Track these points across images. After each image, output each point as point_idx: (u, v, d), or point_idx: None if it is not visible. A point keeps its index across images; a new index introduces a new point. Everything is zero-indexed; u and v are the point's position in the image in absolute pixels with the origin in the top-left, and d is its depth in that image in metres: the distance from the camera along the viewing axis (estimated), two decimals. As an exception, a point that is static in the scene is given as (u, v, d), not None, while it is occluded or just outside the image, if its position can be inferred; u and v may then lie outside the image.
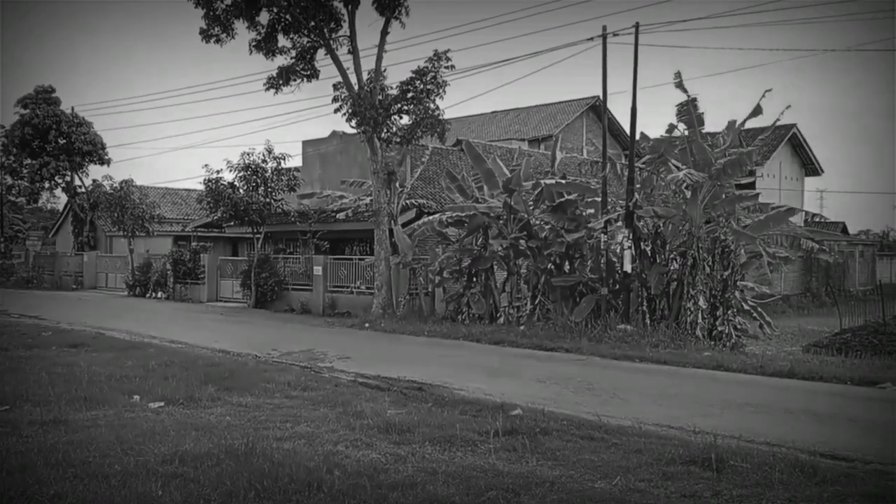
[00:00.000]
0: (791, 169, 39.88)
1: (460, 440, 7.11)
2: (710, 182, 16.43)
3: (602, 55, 18.54)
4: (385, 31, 20.94)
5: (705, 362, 13.18)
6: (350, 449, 6.81)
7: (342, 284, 24.26)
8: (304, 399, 9.29)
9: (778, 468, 6.18)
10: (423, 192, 25.03)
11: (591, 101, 42.27)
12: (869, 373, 11.95)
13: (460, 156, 27.56)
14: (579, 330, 16.67)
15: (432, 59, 20.18)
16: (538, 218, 19.39)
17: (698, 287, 16.46)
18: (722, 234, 16.62)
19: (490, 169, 20.31)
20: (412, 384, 10.77)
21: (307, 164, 29.06)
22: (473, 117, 46.17)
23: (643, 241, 17.83)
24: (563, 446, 6.95)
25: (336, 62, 21.14)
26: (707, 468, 6.23)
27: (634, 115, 17.90)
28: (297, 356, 13.94)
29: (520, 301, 19.44)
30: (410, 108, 20.36)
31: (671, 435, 7.66)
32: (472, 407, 8.82)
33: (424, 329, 18.23)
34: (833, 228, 38.11)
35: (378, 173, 21.36)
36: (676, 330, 16.25)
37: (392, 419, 7.87)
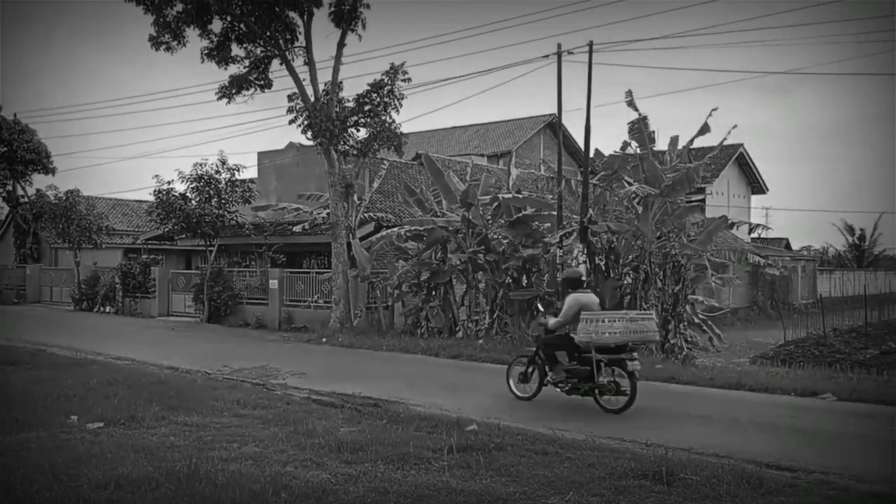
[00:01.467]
0: (738, 187, 40.99)
1: (414, 458, 7.04)
2: (660, 198, 16.72)
3: (557, 73, 18.77)
4: (342, 44, 20.88)
5: (658, 375, 13.33)
6: (299, 469, 6.67)
7: (299, 298, 23.99)
8: (254, 418, 9.11)
9: (726, 480, 6.28)
10: (382, 205, 24.96)
11: (548, 118, 42.76)
12: (811, 384, 12.24)
13: (419, 170, 27.59)
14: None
15: (389, 73, 20.17)
16: (496, 232, 19.51)
17: (651, 301, 16.71)
18: (672, 249, 16.91)
19: (448, 183, 20.38)
20: (367, 400, 10.66)
21: (263, 176, 28.76)
22: (433, 132, 46.32)
23: (597, 256, 18.05)
24: (517, 462, 6.95)
25: (292, 73, 20.99)
26: (658, 482, 6.30)
27: (588, 132, 18.15)
28: (250, 373, 13.71)
29: (478, 315, 19.50)
30: (367, 120, 20.29)
31: (623, 448, 7.72)
32: (428, 423, 8.76)
33: (382, 343, 18.12)
34: (777, 244, 39.16)
35: (335, 186, 21.22)
36: (630, 343, 16.42)
37: (344, 437, 7.77)
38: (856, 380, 13.87)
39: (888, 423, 9.24)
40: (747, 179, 41.93)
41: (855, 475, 6.82)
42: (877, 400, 10.82)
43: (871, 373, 15.42)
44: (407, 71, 20.20)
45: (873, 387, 12.39)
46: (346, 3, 20.34)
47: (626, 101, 17.10)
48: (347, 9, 20.37)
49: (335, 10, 20.50)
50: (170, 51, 21.07)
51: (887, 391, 11.68)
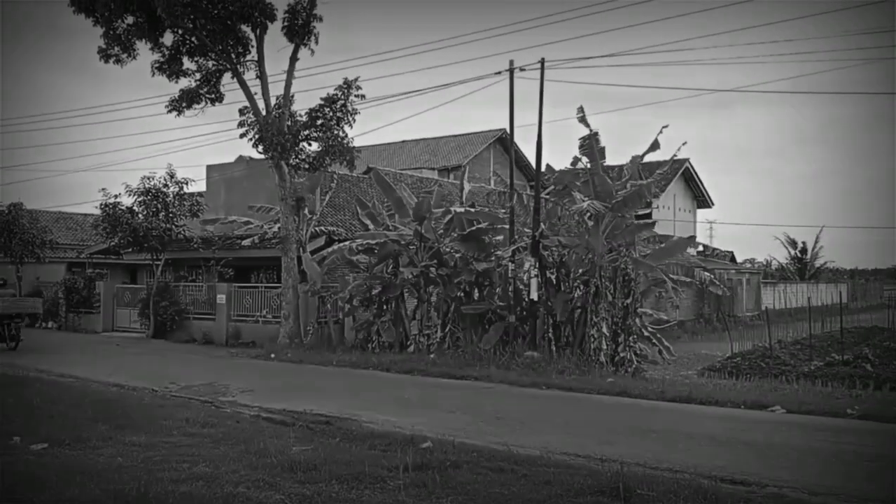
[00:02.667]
0: (684, 201, 41.99)
1: (369, 477, 6.92)
2: (611, 213, 16.95)
3: (509, 89, 18.95)
4: (294, 58, 20.81)
5: (609, 388, 13.47)
6: (252, 490, 6.50)
7: (247, 313, 23.67)
8: (204, 437, 8.87)
9: (682, 496, 6.29)
10: (333, 219, 24.80)
11: (498, 133, 43.13)
12: (760, 396, 12.51)
13: (371, 183, 27.49)
14: (488, 357, 16.78)
15: (342, 87, 20.16)
16: (448, 246, 19.52)
17: (601, 314, 16.89)
18: (623, 263, 17.16)
19: (400, 197, 20.34)
20: (319, 418, 10.48)
21: (211, 190, 28.31)
22: (383, 146, 46.28)
23: (549, 270, 18.20)
24: (473, 480, 6.87)
25: (243, 87, 20.81)
26: (615, 498, 6.28)
27: (540, 147, 18.36)
28: (198, 390, 13.40)
29: (430, 329, 19.44)
30: (320, 135, 20.20)
31: (579, 464, 7.71)
32: (382, 441, 8.65)
33: (333, 359, 17.91)
34: (723, 257, 40.11)
35: (286, 199, 21.03)
36: (581, 356, 16.60)
37: (297, 457, 7.60)
38: (802, 392, 14.25)
39: (836, 436, 9.44)
40: (693, 194, 43.02)
41: (807, 488, 6.92)
42: (824, 412, 11.09)
43: (817, 384, 15.84)
44: (360, 86, 20.28)
45: (820, 399, 12.73)
46: (298, 18, 20.32)
47: (578, 118, 17.32)
48: (300, 23, 20.35)
49: (288, 25, 20.47)
50: (119, 63, 20.85)
51: (833, 403, 12.02)
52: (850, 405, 11.69)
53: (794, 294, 45.93)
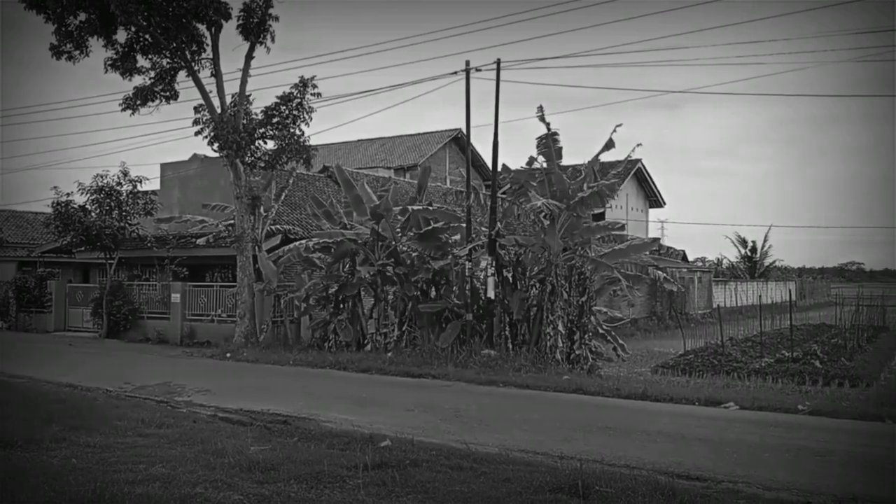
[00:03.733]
0: (637, 201, 42.71)
1: (328, 476, 6.90)
2: (567, 212, 17.15)
3: (465, 89, 19.03)
4: (250, 56, 20.66)
5: (565, 386, 13.64)
6: (210, 491, 6.44)
7: (202, 313, 23.42)
8: (160, 437, 8.76)
9: (640, 492, 6.37)
10: (289, 217, 24.61)
11: (453, 133, 43.24)
12: (713, 393, 12.80)
13: (327, 182, 27.36)
14: (446, 356, 16.84)
15: (298, 86, 20.11)
16: (406, 245, 19.52)
17: (557, 312, 17.08)
18: (578, 262, 17.37)
19: (358, 195, 20.28)
20: (277, 418, 10.42)
21: (166, 188, 27.86)
22: (339, 145, 46.04)
23: (505, 269, 18.33)
24: (432, 478, 6.90)
25: (198, 85, 20.55)
26: (574, 495, 6.34)
27: (496, 147, 18.48)
28: (153, 390, 13.20)
29: (387, 327, 19.42)
30: (276, 133, 20.13)
31: (538, 461, 7.79)
32: (341, 440, 8.64)
33: (290, 358, 17.79)
34: (675, 256, 40.88)
35: (241, 198, 20.84)
36: (537, 354, 16.77)
37: (255, 456, 7.55)
38: (754, 388, 14.62)
39: (788, 431, 9.71)
40: (645, 193, 43.79)
41: (762, 483, 7.10)
42: (776, 408, 11.39)
43: (768, 381, 16.26)
44: (317, 84, 20.31)
45: (772, 395, 13.09)
46: (254, 17, 20.17)
47: (538, 116, 17.47)
48: (256, 22, 20.21)
49: (243, 23, 20.31)
50: (72, 60, 20.44)
51: (785, 399, 12.37)
52: (801, 401, 12.08)
53: (745, 292, 47.01)
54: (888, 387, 14.48)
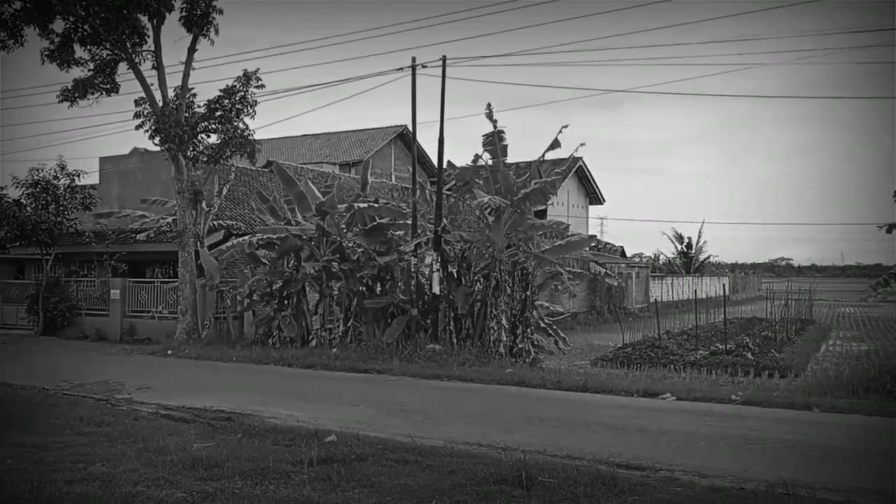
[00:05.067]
0: (577, 198, 43.43)
1: (273, 472, 6.92)
2: (511, 208, 17.38)
3: (411, 86, 19.08)
4: (193, 49, 20.31)
5: (508, 379, 13.85)
6: (152, 489, 6.40)
7: (143, 309, 23.02)
8: (99, 436, 8.63)
9: (582, 482, 6.56)
10: (232, 213, 24.29)
11: (399, 129, 43.17)
12: (651, 385, 13.19)
13: (271, 177, 27.05)
14: (391, 351, 16.89)
15: (242, 79, 19.86)
16: (351, 240, 19.49)
17: (501, 307, 17.31)
18: (522, 258, 17.63)
19: (302, 191, 20.14)
20: (220, 414, 10.35)
21: (105, 182, 27.16)
22: (284, 139, 45.51)
23: (450, 264, 18.47)
24: (378, 472, 6.98)
25: (139, 77, 20.11)
26: (518, 486, 6.47)
27: (442, 143, 18.60)
28: (91, 388, 12.93)
29: (332, 323, 19.36)
30: (219, 126, 19.86)
31: (482, 453, 7.93)
32: (285, 436, 8.64)
33: (233, 354, 17.61)
34: (614, 252, 41.72)
35: (183, 192, 20.50)
36: (481, 348, 16.97)
37: (198, 453, 7.52)
38: (689, 380, 15.09)
39: (723, 421, 10.07)
40: (586, 191, 44.55)
41: (697, 471, 7.37)
42: (711, 399, 11.80)
43: (703, 372, 16.82)
44: (261, 78, 20.05)
45: (706, 386, 13.54)
46: (197, 8, 19.83)
47: (485, 114, 17.64)
48: (199, 14, 19.87)
49: (186, 15, 19.93)
50: (6, 50, 19.75)
51: (719, 390, 12.81)
52: (734, 392, 12.54)
53: (681, 287, 48.23)
54: (815, 377, 15.09)
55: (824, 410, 10.86)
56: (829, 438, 8.96)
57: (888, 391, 11.95)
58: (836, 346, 24.25)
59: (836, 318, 38.99)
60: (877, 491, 6.72)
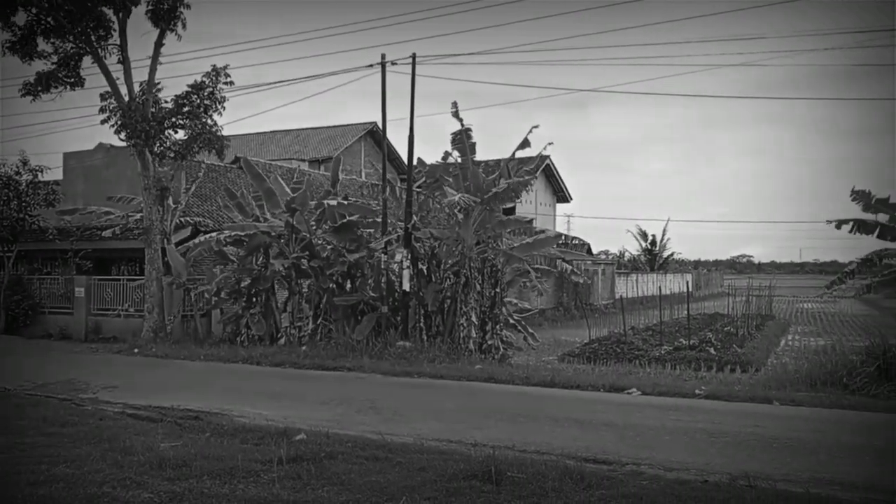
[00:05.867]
0: (545, 196, 43.81)
1: (242, 471, 6.90)
2: (480, 206, 17.47)
3: (381, 83, 19.07)
4: (160, 43, 20.04)
5: (477, 375, 13.95)
6: (118, 490, 6.34)
7: (108, 307, 22.72)
8: (63, 436, 8.52)
9: (550, 476, 6.63)
10: (200, 209, 24.05)
11: (369, 126, 43.07)
12: (617, 380, 13.37)
13: (239, 173, 26.84)
14: (361, 348, 16.90)
15: (210, 74, 19.68)
16: (320, 238, 19.43)
17: (470, 304, 17.40)
18: (491, 255, 17.74)
19: (271, 188, 20.02)
20: (188, 413, 10.25)
21: (69, 178, 26.69)
22: (253, 136, 45.16)
23: (420, 261, 18.52)
24: (348, 469, 7.00)
25: (104, 71, 19.80)
26: (488, 481, 6.53)
27: (412, 141, 18.62)
28: (55, 387, 12.73)
29: (302, 321, 19.30)
30: (187, 122, 19.66)
31: (452, 450, 7.97)
32: (254, 434, 8.61)
33: (200, 353, 17.47)
34: (580, 249, 42.20)
35: (150, 189, 20.26)
36: (451, 345, 17.06)
37: (166, 453, 7.46)
38: (654, 375, 15.33)
39: (687, 415, 10.25)
40: (553, 189, 44.97)
41: (663, 465, 7.50)
42: (675, 394, 12.01)
43: (667, 367, 17.10)
44: (230, 73, 19.89)
45: (671, 381, 13.77)
46: (164, 2, 19.54)
47: (452, 112, 17.69)
48: (166, 8, 19.58)
49: (153, 9, 19.64)
50: (-35, 42, 19.22)
51: (683, 385, 13.03)
52: (698, 386, 12.78)
53: (645, 283, 48.87)
54: (775, 371, 15.45)
55: (784, 404, 11.12)
56: (788, 431, 9.18)
57: (844, 384, 12.31)
58: (795, 340, 24.83)
59: (794, 313, 39.89)
60: (834, 481, 6.92)
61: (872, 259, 14.79)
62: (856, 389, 12.04)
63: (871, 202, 14.27)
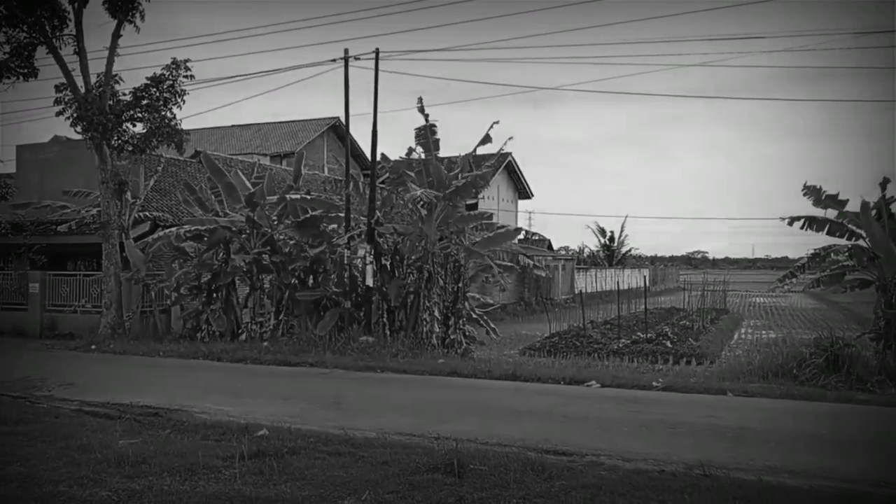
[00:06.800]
0: (507, 192, 44.12)
1: (203, 468, 6.86)
2: (444, 202, 17.53)
3: (344, 77, 19.00)
4: (117, 34, 19.70)
5: (441, 369, 14.02)
6: (74, 488, 6.25)
7: (65, 303, 22.32)
8: (18, 435, 8.37)
9: (512, 468, 6.73)
10: (159, 204, 23.70)
11: (331, 122, 42.75)
12: (577, 373, 13.56)
13: (199, 167, 26.49)
14: (324, 343, 16.85)
15: (170, 67, 19.40)
16: (282, 233, 19.30)
17: (433, 299, 17.46)
18: (454, 250, 17.82)
19: (231, 182, 19.82)
20: (147, 410, 10.13)
21: (23, 172, 26.05)
22: (213, 130, 44.49)
23: (384, 257, 18.52)
24: (311, 464, 7.00)
25: (60, 62, 19.41)
26: (450, 474, 6.60)
27: (375, 136, 18.62)
28: (8, 385, 12.43)
29: (263, 317, 19.17)
30: (145, 115, 19.36)
31: (415, 443, 8.03)
32: (215, 431, 8.56)
33: (160, 349, 17.26)
34: (541, 245, 42.61)
35: (107, 183, 19.92)
36: (414, 339, 17.10)
37: (124, 450, 7.36)
38: (613, 367, 15.58)
39: (645, 406, 10.47)
40: (515, 185, 45.28)
41: (621, 455, 7.65)
42: (633, 386, 12.24)
43: (625, 360, 17.37)
44: (190, 67, 19.60)
45: (629, 373, 14.00)
46: (122, -8, 19.16)
47: (417, 107, 17.69)
48: (123, -2, 19.20)
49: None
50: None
51: (640, 377, 13.27)
52: (655, 378, 13.04)
53: (604, 278, 49.52)
54: (729, 363, 15.81)
55: (737, 395, 11.42)
56: (742, 421, 9.44)
57: (794, 376, 12.68)
58: (748, 334, 25.41)
59: (747, 307, 40.80)
60: (784, 468, 7.14)
61: (821, 255, 15.24)
62: (805, 380, 12.42)
63: (822, 198, 14.76)
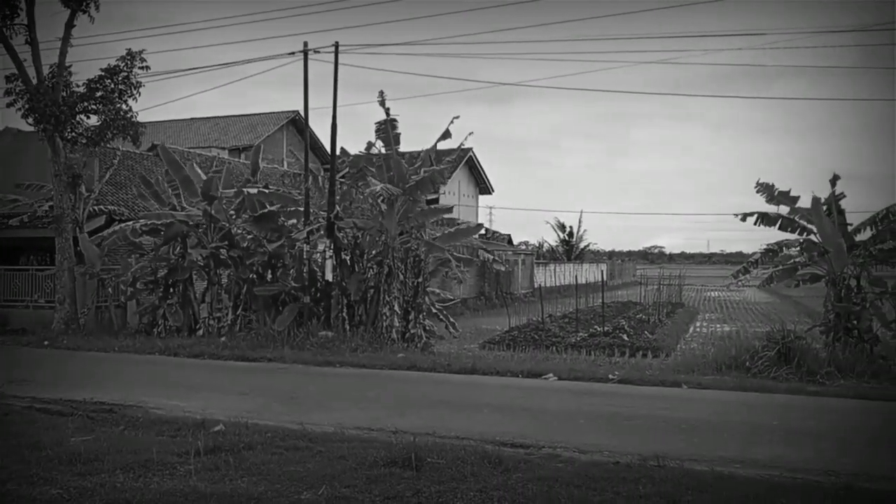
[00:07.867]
0: (468, 188, 44.26)
1: (157, 464, 6.76)
2: (404, 196, 17.53)
3: (303, 71, 18.85)
4: (70, 24, 19.30)
5: (400, 363, 14.06)
6: (23, 487, 6.12)
7: (16, 298, 21.91)
8: (-36, 433, 8.18)
9: (469, 461, 6.78)
10: (114, 197, 23.27)
11: (291, 115, 42.40)
12: (535, 366, 13.63)
13: (155, 161, 26.07)
14: (282, 338, 16.75)
15: (125, 58, 19.07)
16: (240, 227, 19.13)
17: (393, 293, 17.48)
18: (414, 245, 17.85)
19: (188, 176, 19.55)
20: (100, 406, 9.93)
21: (-28, 165, 25.36)
22: (170, 122, 43.78)
23: (343, 251, 18.47)
24: (268, 460, 6.97)
25: (10, 52, 18.96)
26: (408, 468, 6.61)
27: (335, 130, 18.50)
28: (-43, 383, 12.13)
29: (221, 312, 18.98)
30: (100, 107, 19.01)
31: (373, 437, 8.03)
32: (171, 426, 8.45)
33: (115, 344, 16.98)
34: (501, 240, 42.87)
35: (60, 176, 19.52)
36: (374, 334, 17.11)
37: (76, 448, 7.23)
38: (570, 361, 15.76)
39: (601, 399, 10.63)
40: (476, 181, 45.46)
41: (578, 447, 7.75)
42: (590, 378, 12.42)
43: (583, 353, 17.60)
44: (146, 58, 19.32)
45: (586, 366, 14.17)
46: (75, -18, 18.75)
47: (378, 101, 17.66)
48: (77, -12, 18.79)
49: (63, -11, 18.83)
50: None
51: (597, 370, 13.45)
52: (611, 371, 13.21)
53: (563, 273, 50.04)
54: (684, 356, 16.11)
55: (692, 387, 11.65)
56: (696, 413, 9.64)
57: (747, 368, 12.99)
58: (703, 327, 25.92)
59: (702, 301, 41.61)
60: (736, 459, 7.32)
61: (774, 250, 15.62)
62: (757, 372, 12.73)
63: (774, 194, 15.14)
